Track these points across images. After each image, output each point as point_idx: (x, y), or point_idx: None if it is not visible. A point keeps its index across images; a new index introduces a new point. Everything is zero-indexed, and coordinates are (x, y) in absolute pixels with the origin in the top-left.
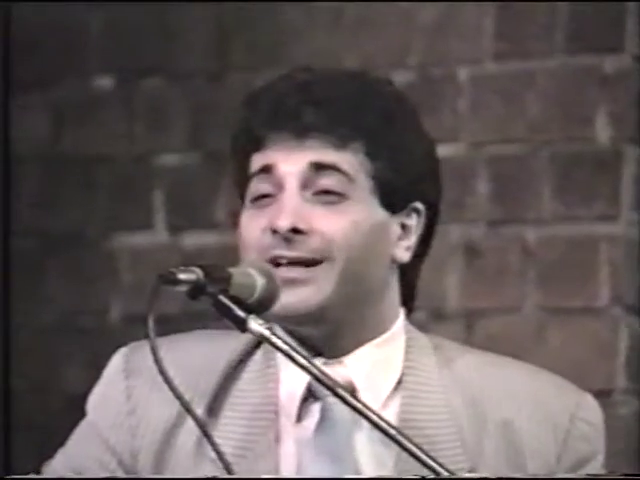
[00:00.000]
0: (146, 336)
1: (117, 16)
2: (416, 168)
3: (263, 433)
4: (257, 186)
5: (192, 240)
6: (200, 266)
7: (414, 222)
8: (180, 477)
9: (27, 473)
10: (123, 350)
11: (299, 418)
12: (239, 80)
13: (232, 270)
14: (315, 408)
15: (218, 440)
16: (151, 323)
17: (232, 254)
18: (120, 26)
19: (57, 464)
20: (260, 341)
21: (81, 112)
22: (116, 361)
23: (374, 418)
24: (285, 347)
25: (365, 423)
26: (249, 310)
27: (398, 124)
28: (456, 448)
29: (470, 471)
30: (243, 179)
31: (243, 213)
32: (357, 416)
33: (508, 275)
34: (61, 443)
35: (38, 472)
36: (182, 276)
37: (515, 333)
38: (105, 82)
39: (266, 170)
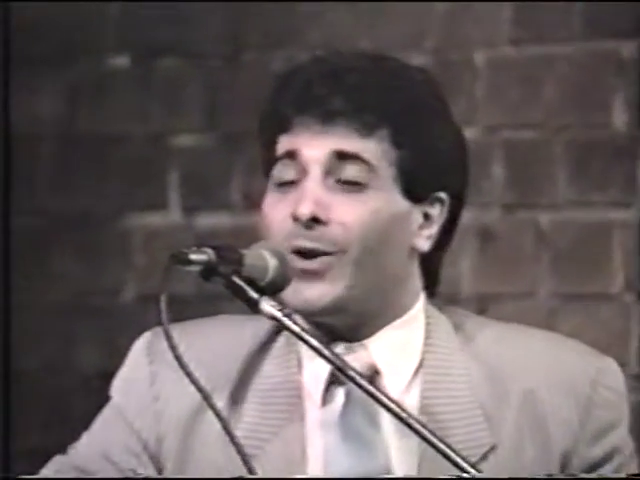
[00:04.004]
0: (159, 315)
1: None
2: (441, 158)
3: (289, 418)
4: (281, 171)
5: (206, 221)
6: (212, 247)
7: (437, 212)
8: (186, 477)
9: (38, 452)
10: (146, 334)
11: (324, 402)
12: (255, 61)
13: (244, 252)
14: (340, 392)
15: (244, 426)
16: (163, 303)
17: (246, 235)
18: (137, 5)
19: (83, 447)
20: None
21: (96, 91)
22: (140, 345)
23: (388, 403)
24: (297, 329)
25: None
26: (262, 291)
27: (426, 113)
28: (479, 424)
29: (493, 447)
30: (269, 159)
31: (267, 195)
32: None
33: (522, 260)
34: (74, 422)
35: (60, 452)
36: (194, 256)
37: (528, 318)
38: (121, 61)
39: (291, 155)
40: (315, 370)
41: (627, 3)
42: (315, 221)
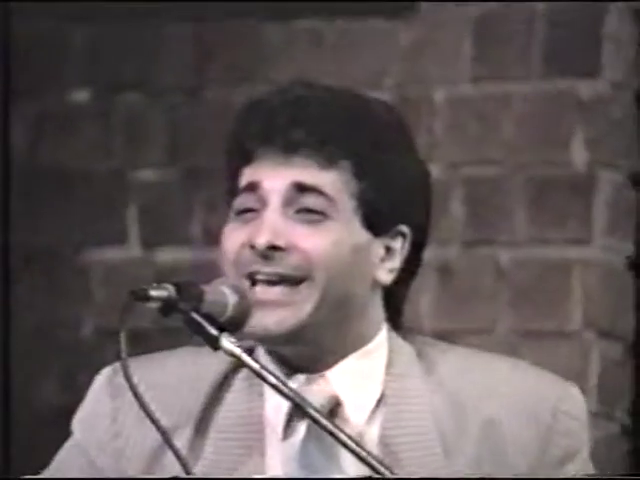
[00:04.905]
0: (118, 352)
1: (96, 30)
2: (403, 191)
3: (248, 453)
4: (242, 200)
5: (166, 256)
6: (173, 283)
7: (399, 245)
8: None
9: None
10: (107, 369)
11: (285, 436)
12: (217, 97)
13: (205, 287)
14: (301, 426)
15: (205, 462)
16: (123, 340)
17: (206, 270)
18: (99, 40)
19: None
20: None
21: (58, 125)
22: (101, 380)
23: (347, 441)
24: (256, 366)
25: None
26: (221, 328)
27: (388, 146)
28: (437, 455)
29: None
30: (232, 190)
31: (226, 226)
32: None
33: (481, 296)
34: (34, 455)
35: None
36: (154, 293)
37: None
38: (82, 96)
39: (252, 187)
40: (277, 403)
41: (586, 43)
42: (274, 249)
